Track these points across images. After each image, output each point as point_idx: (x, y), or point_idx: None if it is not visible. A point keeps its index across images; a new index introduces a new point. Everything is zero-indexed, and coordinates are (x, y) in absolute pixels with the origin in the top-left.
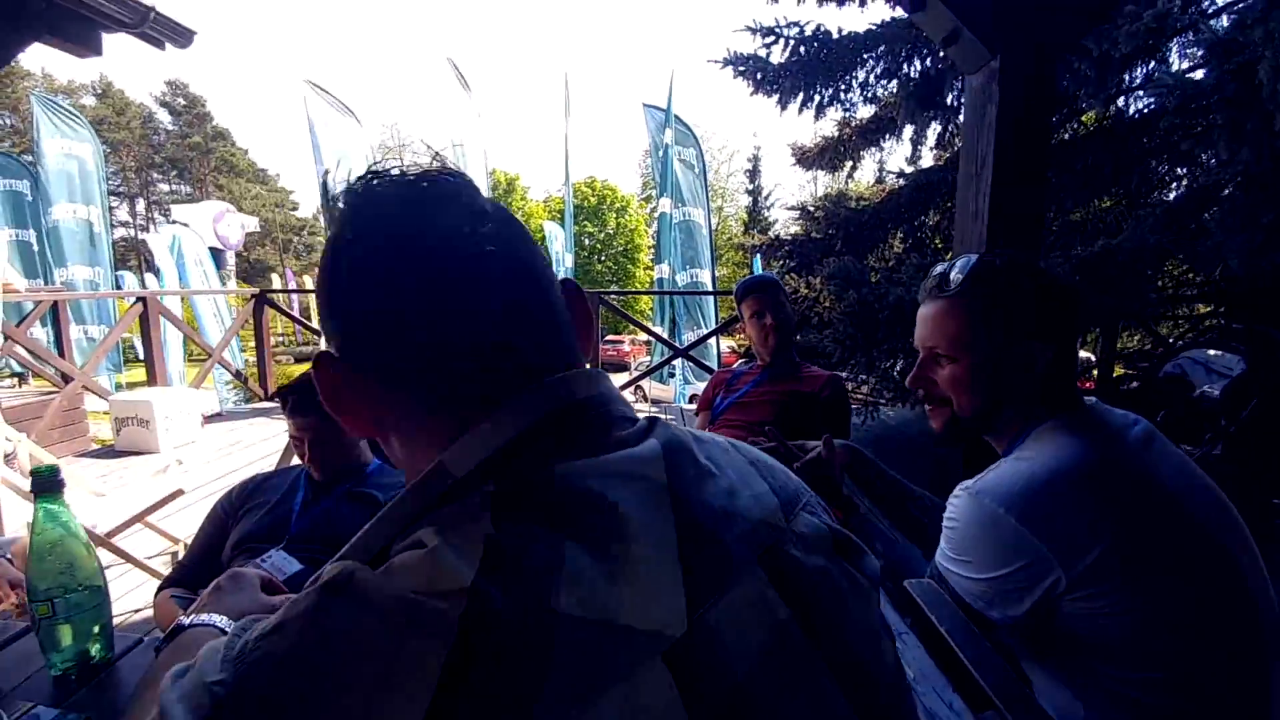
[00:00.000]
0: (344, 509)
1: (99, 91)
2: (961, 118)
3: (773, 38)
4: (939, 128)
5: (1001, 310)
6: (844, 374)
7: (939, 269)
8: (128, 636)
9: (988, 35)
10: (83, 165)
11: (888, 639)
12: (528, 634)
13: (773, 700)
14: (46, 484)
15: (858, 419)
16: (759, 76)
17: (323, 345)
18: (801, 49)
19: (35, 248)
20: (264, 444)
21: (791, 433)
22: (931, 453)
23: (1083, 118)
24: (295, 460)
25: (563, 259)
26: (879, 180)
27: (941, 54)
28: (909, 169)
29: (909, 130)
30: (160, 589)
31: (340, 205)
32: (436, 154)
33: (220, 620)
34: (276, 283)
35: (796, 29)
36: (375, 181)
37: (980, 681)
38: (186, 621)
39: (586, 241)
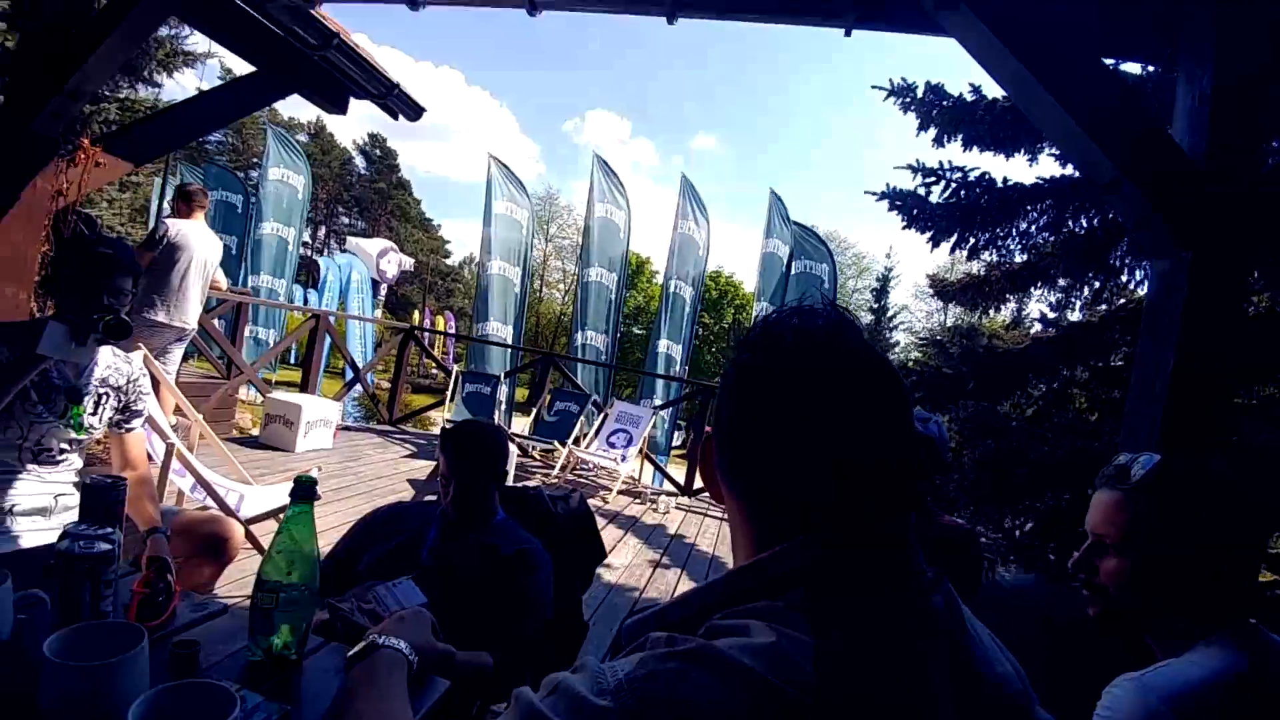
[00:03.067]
0: (469, 556)
1: (313, 132)
2: (1125, 277)
3: (934, 178)
4: (1098, 285)
5: (1179, 516)
6: (961, 518)
7: (1121, 459)
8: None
9: (1182, 227)
10: (293, 193)
11: None
12: None
13: None
14: (305, 492)
15: None
16: (914, 213)
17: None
18: (962, 192)
19: (235, 253)
20: (381, 465)
21: None
22: (1047, 631)
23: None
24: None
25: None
26: (1016, 323)
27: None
28: (1051, 314)
29: (1063, 281)
30: None
31: (750, 334)
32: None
33: (405, 646)
34: (416, 318)
35: (959, 173)
36: (776, 318)
37: None
38: (380, 641)
39: (701, 331)
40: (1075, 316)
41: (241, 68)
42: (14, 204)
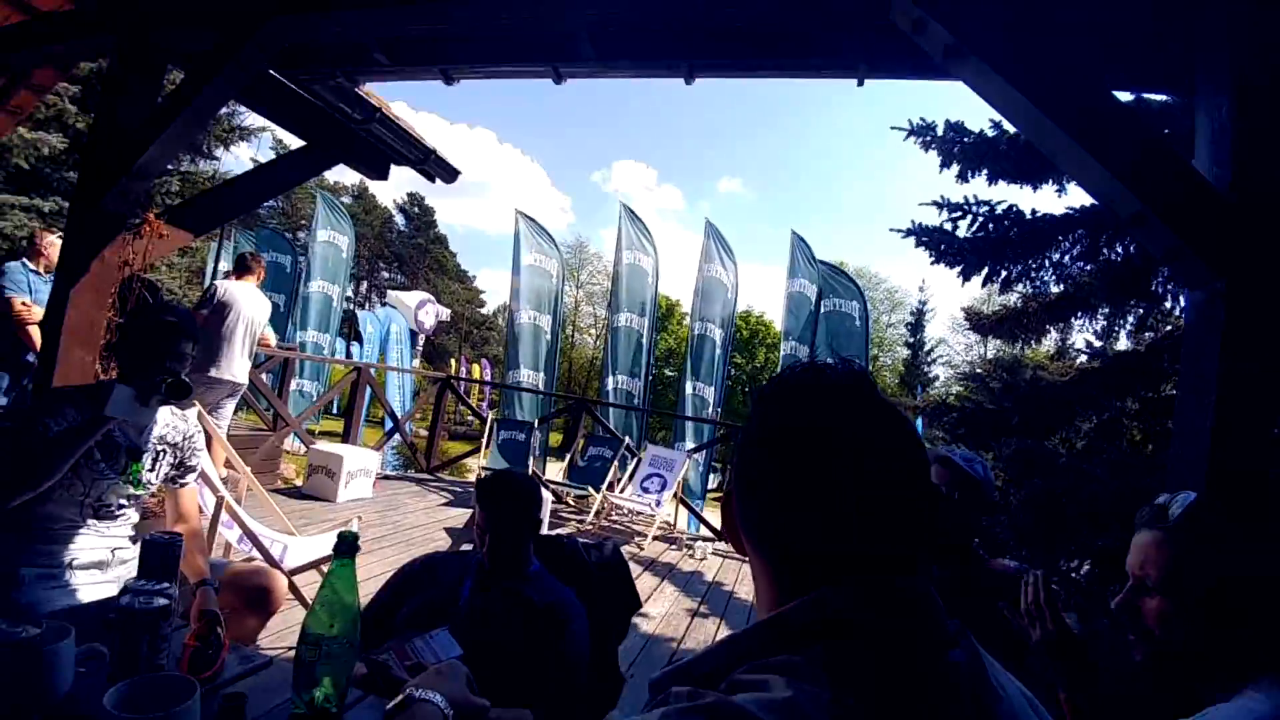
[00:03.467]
0: (504, 606)
1: (357, 193)
2: (1168, 304)
3: (960, 213)
4: (1141, 312)
5: (1218, 556)
6: (1013, 561)
7: (1160, 499)
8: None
9: (1214, 256)
10: (338, 252)
11: None
12: None
13: None
14: (348, 547)
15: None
16: (942, 249)
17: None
18: (990, 226)
19: (283, 311)
20: (419, 513)
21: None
22: (1114, 680)
23: None
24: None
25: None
26: (1060, 354)
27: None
28: (1098, 343)
29: (1105, 310)
30: None
31: (766, 389)
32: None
33: (440, 700)
34: (452, 366)
35: (986, 207)
36: (791, 373)
37: None
38: (417, 694)
39: (733, 372)
40: (1123, 345)
41: (292, 141)
42: (84, 275)
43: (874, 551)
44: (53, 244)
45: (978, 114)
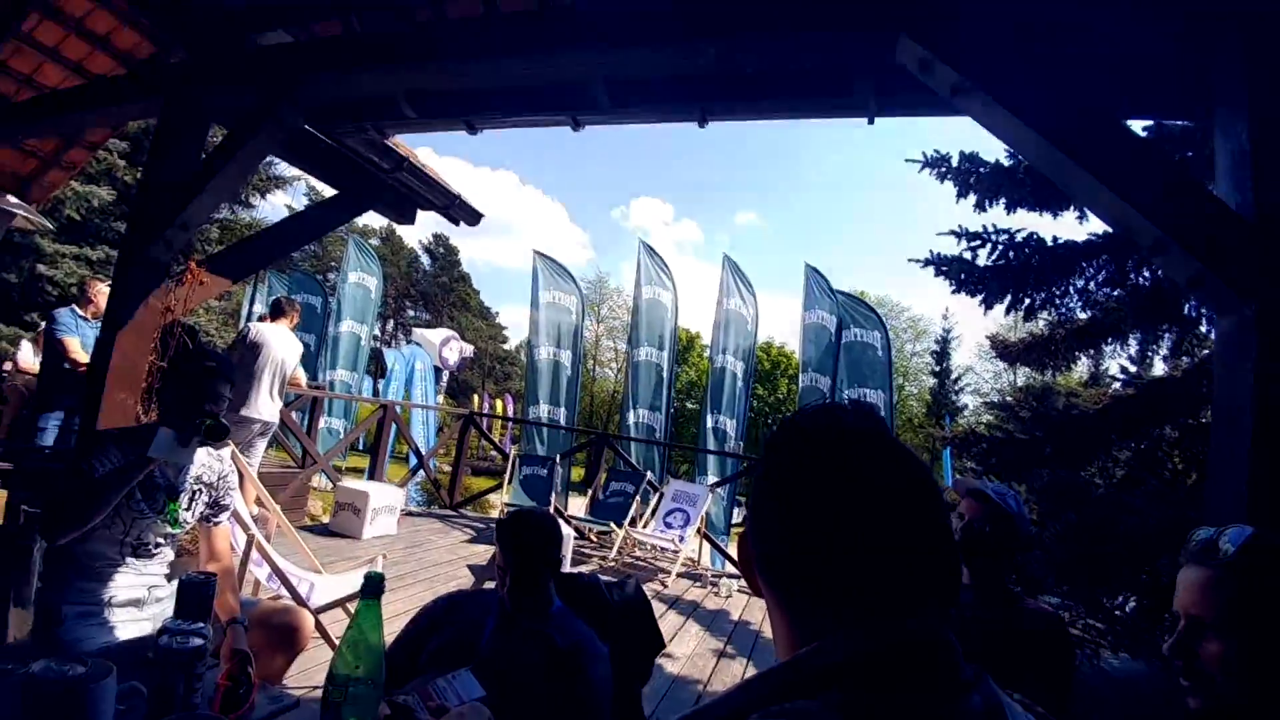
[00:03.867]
0: (526, 647)
1: (384, 236)
2: (1203, 327)
3: (979, 242)
4: (1175, 336)
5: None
6: (1048, 600)
7: (1203, 534)
8: None
9: (1239, 282)
10: (367, 293)
11: None
12: None
13: None
14: (375, 589)
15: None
16: (962, 277)
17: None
18: (1010, 254)
19: (314, 351)
20: (443, 550)
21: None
22: None
23: None
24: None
25: None
26: (1094, 380)
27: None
28: (1132, 368)
29: (1137, 335)
30: None
31: (779, 433)
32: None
33: None
34: (476, 402)
35: (1005, 235)
36: (803, 416)
37: None
38: None
39: (755, 404)
40: (1159, 370)
41: (325, 189)
42: (129, 320)
43: (887, 595)
44: (101, 291)
45: (994, 142)
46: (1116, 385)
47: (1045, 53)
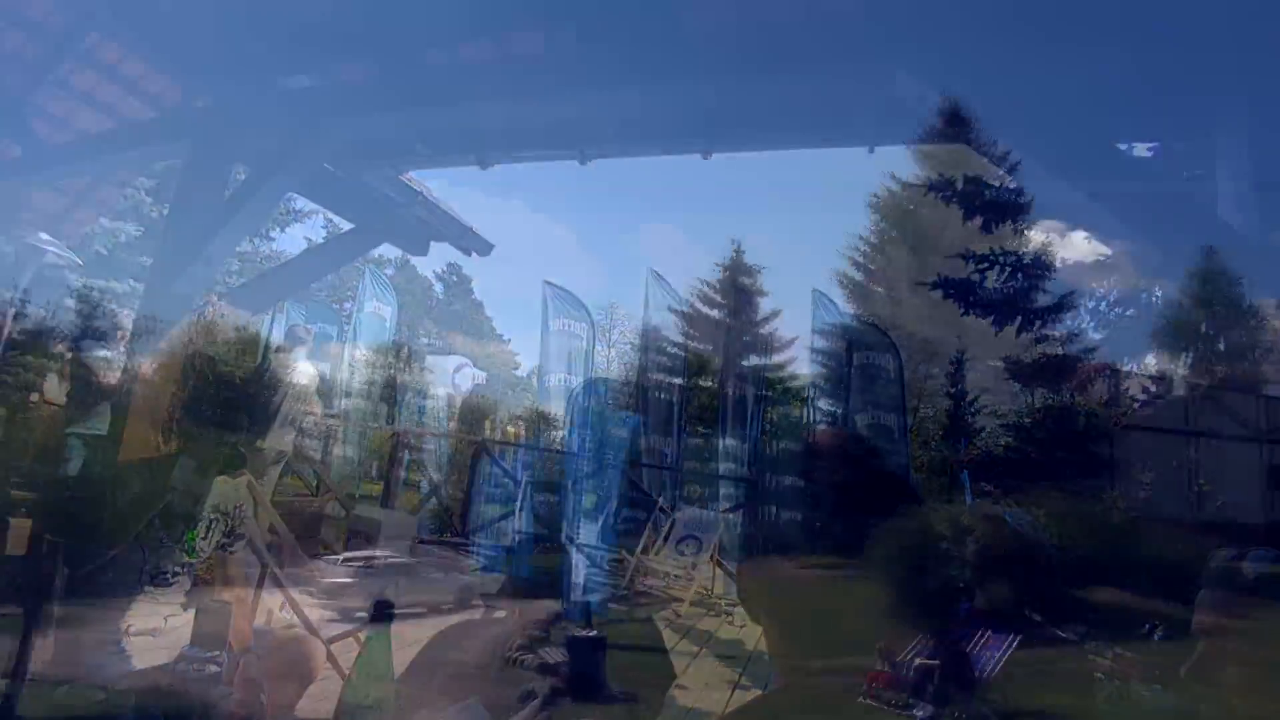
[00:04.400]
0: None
1: (399, 265)
2: (1220, 345)
3: (986, 264)
4: (1193, 355)
5: None
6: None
7: (1223, 555)
8: None
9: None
10: (382, 322)
11: None
12: None
13: None
14: (384, 614)
15: None
16: (970, 299)
17: None
18: (1019, 275)
19: (328, 379)
20: (454, 577)
21: None
22: None
23: None
24: None
25: None
26: (1113, 401)
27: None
28: (1153, 388)
29: (1154, 354)
30: None
31: None
32: None
33: None
34: (487, 428)
35: (1013, 257)
36: None
37: None
38: None
39: (767, 429)
40: (1179, 392)
41: (342, 222)
42: (152, 352)
43: None
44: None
45: None
46: (1136, 405)
47: (1041, 83)
